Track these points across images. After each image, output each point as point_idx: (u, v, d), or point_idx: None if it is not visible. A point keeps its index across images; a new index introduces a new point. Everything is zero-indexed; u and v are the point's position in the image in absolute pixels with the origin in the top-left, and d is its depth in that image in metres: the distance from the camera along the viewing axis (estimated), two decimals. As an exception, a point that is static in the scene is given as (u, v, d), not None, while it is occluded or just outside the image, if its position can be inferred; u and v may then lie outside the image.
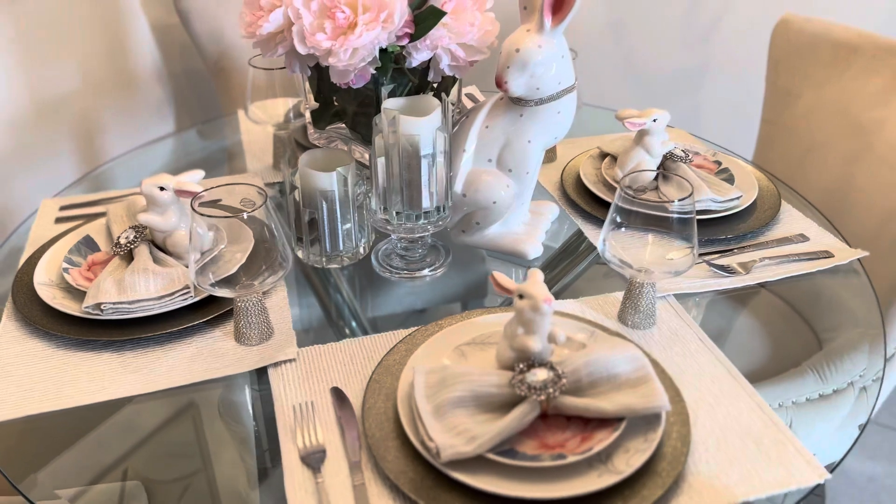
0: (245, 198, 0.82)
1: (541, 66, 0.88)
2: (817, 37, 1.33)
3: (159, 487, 0.72)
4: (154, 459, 0.75)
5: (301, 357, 0.83)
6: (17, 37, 1.54)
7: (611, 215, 0.81)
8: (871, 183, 1.21)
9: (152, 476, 0.73)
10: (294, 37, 0.86)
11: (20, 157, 1.61)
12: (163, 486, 0.72)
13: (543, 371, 0.70)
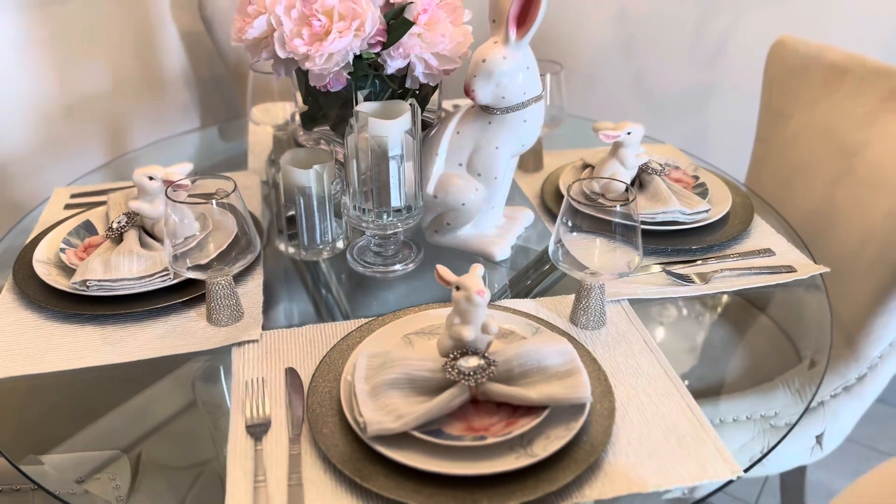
0: (220, 189, 0.89)
1: (506, 76, 0.93)
2: (811, 58, 1.35)
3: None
4: (132, 431, 0.81)
5: (264, 339, 0.89)
6: (51, 37, 1.65)
7: (560, 219, 0.85)
8: (852, 204, 1.22)
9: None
10: (275, 42, 0.92)
11: (50, 149, 1.72)
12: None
13: (475, 359, 0.74)
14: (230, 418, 0.77)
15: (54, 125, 1.72)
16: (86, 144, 1.79)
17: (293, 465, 0.71)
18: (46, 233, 1.06)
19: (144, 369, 0.86)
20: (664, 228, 1.07)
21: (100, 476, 0.75)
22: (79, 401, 0.86)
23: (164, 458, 0.77)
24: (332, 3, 0.90)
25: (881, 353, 1.16)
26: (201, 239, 0.92)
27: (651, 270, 1.01)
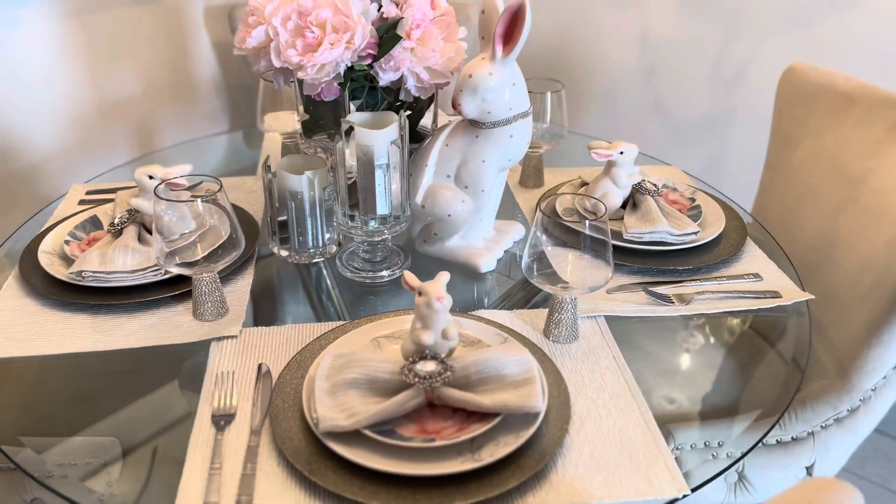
0: (209, 189, 0.93)
1: (491, 91, 0.95)
2: (821, 86, 1.34)
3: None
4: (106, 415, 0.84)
5: (244, 335, 0.92)
6: (87, 44, 1.73)
7: (533, 233, 0.86)
8: (854, 232, 1.20)
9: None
10: (271, 52, 0.96)
11: (82, 150, 1.80)
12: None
13: (433, 363, 0.76)
14: (198, 408, 0.80)
15: (87, 127, 1.80)
16: (116, 146, 1.87)
17: (250, 455, 0.74)
18: (56, 225, 1.11)
19: (137, 359, 0.90)
20: (652, 248, 1.08)
21: (90, 461, 0.78)
22: (72, 387, 0.89)
23: (149, 448, 0.80)
24: (325, 16, 0.93)
25: (875, 386, 1.14)
26: (196, 236, 0.95)
27: (630, 289, 1.01)
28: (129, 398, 0.85)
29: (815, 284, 1.26)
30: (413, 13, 0.97)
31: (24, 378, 0.89)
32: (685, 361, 0.94)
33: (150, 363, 0.90)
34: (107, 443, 0.79)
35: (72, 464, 0.77)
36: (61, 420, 0.83)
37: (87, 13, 1.73)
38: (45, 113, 1.72)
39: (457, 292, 1.04)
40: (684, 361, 0.94)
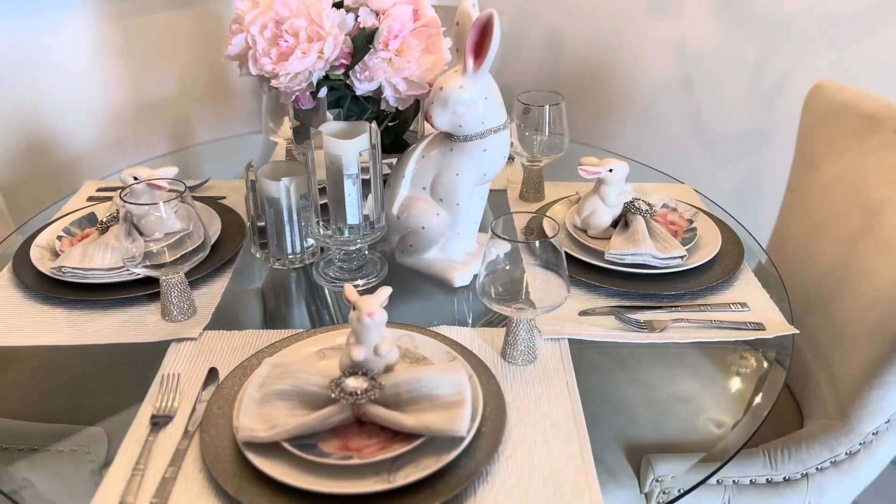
0: (174, 190, 0.94)
1: (462, 104, 0.93)
2: (846, 106, 1.25)
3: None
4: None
5: (204, 338, 0.93)
6: (126, 46, 1.81)
7: (486, 252, 0.84)
8: (866, 265, 1.12)
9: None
10: (249, 59, 0.98)
11: (119, 149, 1.87)
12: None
13: (362, 379, 0.75)
14: (140, 408, 0.82)
15: (124, 125, 1.87)
16: (152, 144, 1.94)
17: (175, 458, 0.75)
18: (57, 221, 1.16)
19: (107, 354, 0.93)
20: (635, 271, 1.04)
21: (76, 448, 0.81)
22: (38, 378, 0.93)
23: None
24: (299, 25, 0.94)
25: (876, 430, 1.06)
26: (176, 239, 0.97)
27: (604, 312, 0.98)
28: (85, 393, 0.88)
29: (825, 316, 1.19)
30: (391, 24, 0.97)
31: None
32: (658, 391, 0.89)
33: (118, 359, 0.92)
34: (50, 430, 0.82)
35: (72, 451, 0.80)
36: (15, 406, 0.86)
37: (127, 16, 1.80)
38: (84, 110, 1.80)
39: (437, 305, 1.04)
40: (657, 390, 0.89)
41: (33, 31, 1.68)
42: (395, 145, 1.11)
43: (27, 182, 1.75)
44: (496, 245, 0.83)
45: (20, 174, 1.75)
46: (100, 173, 1.83)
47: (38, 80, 1.71)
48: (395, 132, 1.10)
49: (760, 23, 1.70)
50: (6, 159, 1.73)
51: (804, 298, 1.26)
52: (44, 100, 1.73)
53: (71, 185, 1.80)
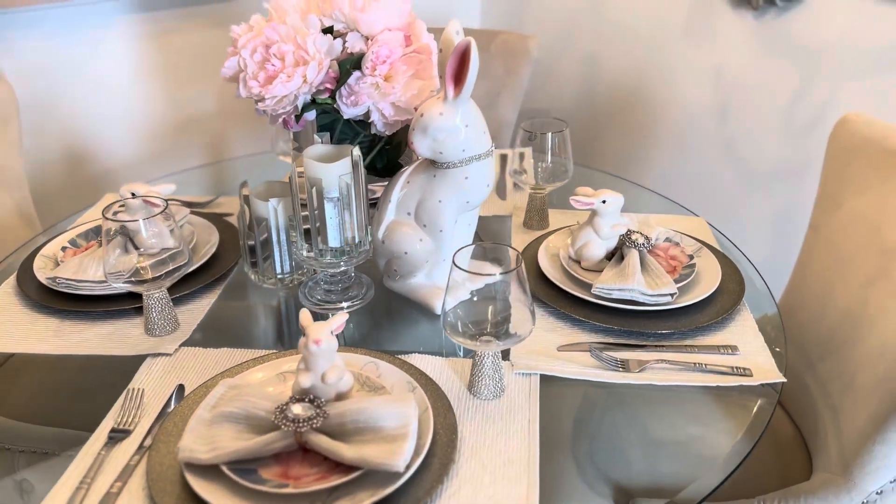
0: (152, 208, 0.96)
1: (441, 132, 0.93)
2: (872, 142, 1.19)
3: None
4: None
5: (179, 354, 0.95)
6: (166, 63, 1.87)
7: (450, 283, 0.83)
8: (879, 311, 1.05)
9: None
10: (240, 82, 0.99)
11: (156, 162, 1.94)
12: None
13: (305, 406, 0.74)
14: (102, 421, 0.83)
15: (161, 139, 1.94)
16: (187, 158, 2.00)
17: (124, 473, 0.76)
18: (68, 231, 1.20)
19: (91, 366, 0.95)
20: (624, 307, 1.00)
21: (72, 453, 0.83)
22: (22, 386, 0.96)
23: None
24: (286, 49, 0.95)
25: (881, 489, 0.99)
26: (170, 254, 0.98)
27: (584, 348, 0.95)
28: (60, 403, 0.90)
29: (837, 363, 1.13)
30: (379, 49, 0.97)
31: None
32: (648, 431, 0.86)
33: (100, 371, 0.94)
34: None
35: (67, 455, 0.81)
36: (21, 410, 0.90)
37: (167, 34, 1.87)
38: (122, 124, 1.87)
39: (421, 331, 1.03)
40: (647, 431, 0.86)
41: (76, 47, 1.76)
42: (389, 169, 1.11)
43: (64, 191, 1.83)
44: (459, 276, 0.82)
45: (58, 183, 1.83)
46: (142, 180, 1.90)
47: (80, 94, 1.79)
48: (388, 156, 1.10)
49: (798, 51, 1.64)
50: (45, 168, 1.81)
51: (820, 342, 1.20)
52: (84, 113, 1.81)
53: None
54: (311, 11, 1.01)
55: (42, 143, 1.79)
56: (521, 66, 1.85)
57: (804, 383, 1.22)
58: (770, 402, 0.88)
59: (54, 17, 1.73)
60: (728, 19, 1.75)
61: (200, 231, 1.19)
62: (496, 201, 1.38)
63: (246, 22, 1.03)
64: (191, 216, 1.22)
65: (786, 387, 0.87)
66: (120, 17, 1.80)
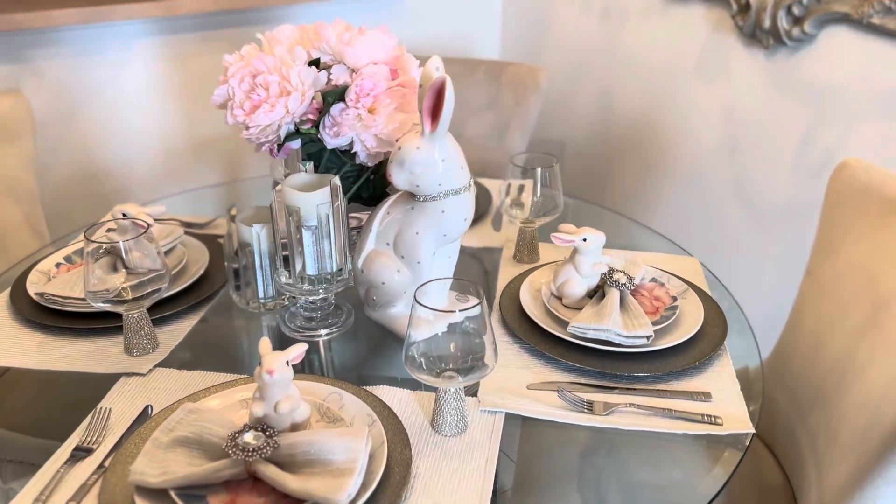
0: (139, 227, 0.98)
1: (418, 165, 0.93)
2: (869, 188, 1.16)
3: None
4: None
5: (153, 375, 0.96)
6: (183, 85, 1.92)
7: (412, 320, 0.83)
8: (866, 363, 1.02)
9: None
10: (228, 109, 1.02)
11: (170, 180, 1.98)
12: None
13: (256, 435, 0.75)
14: (68, 439, 0.85)
15: (177, 158, 1.98)
16: (202, 178, 2.04)
17: (79, 493, 0.77)
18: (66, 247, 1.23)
19: (71, 381, 0.97)
20: (600, 347, 0.99)
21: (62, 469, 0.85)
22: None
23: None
24: (271, 80, 0.97)
25: (859, 550, 0.96)
26: (155, 274, 1.00)
27: (554, 387, 0.94)
28: (50, 416, 0.92)
29: (825, 414, 1.10)
30: (363, 82, 0.98)
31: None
32: (614, 475, 0.84)
33: (90, 386, 0.95)
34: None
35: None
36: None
37: (186, 57, 1.92)
38: (138, 143, 1.92)
39: (398, 361, 1.03)
40: (613, 475, 0.85)
41: (96, 67, 1.82)
42: (375, 198, 1.12)
43: (78, 207, 1.88)
44: (422, 312, 0.82)
45: (72, 199, 1.88)
46: (147, 200, 1.94)
47: (97, 112, 1.84)
48: (374, 186, 1.11)
49: (808, 92, 1.62)
50: (60, 184, 1.86)
51: (811, 390, 1.17)
52: (100, 131, 1.86)
53: (120, 212, 1.92)
54: (303, 43, 1.03)
55: (58, 159, 1.85)
56: (530, 97, 1.85)
57: (794, 432, 1.19)
58: (738, 452, 0.86)
59: (75, 38, 1.79)
60: (740, 57, 1.73)
61: (192, 252, 1.21)
62: (490, 233, 1.38)
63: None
64: (185, 237, 1.24)
65: (777, 436, 0.85)
66: (141, 39, 1.86)
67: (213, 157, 2.05)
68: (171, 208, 1.43)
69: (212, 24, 1.93)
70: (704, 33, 1.81)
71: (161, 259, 0.98)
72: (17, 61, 1.75)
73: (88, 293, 0.96)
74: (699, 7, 1.80)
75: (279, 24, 1.89)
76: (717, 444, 0.87)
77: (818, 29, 1.54)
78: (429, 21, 2.26)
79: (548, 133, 2.32)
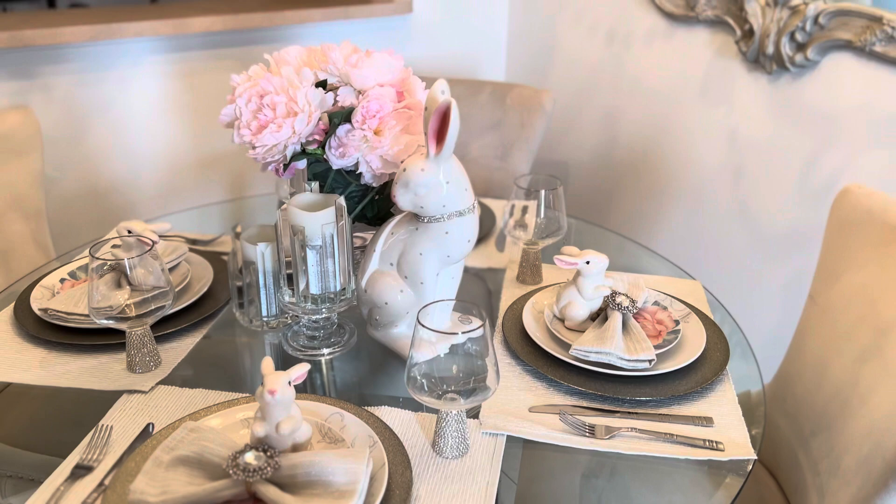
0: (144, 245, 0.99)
1: (422, 187, 0.94)
2: (872, 214, 1.16)
3: None
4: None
5: (155, 392, 0.96)
6: (191, 102, 1.93)
7: (414, 341, 0.83)
8: (869, 390, 1.02)
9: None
10: (235, 129, 1.02)
11: (177, 197, 1.99)
12: None
13: (257, 456, 0.75)
14: (69, 456, 0.85)
15: (183, 175, 1.99)
16: (208, 195, 2.05)
17: (78, 512, 0.77)
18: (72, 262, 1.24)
19: (72, 399, 0.97)
20: (602, 370, 0.99)
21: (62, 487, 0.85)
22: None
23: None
24: (278, 100, 0.98)
25: (862, 579, 0.95)
26: (159, 291, 1.00)
27: (556, 410, 0.94)
28: (51, 432, 0.92)
29: (828, 440, 1.09)
30: (369, 104, 0.99)
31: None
32: (615, 500, 0.84)
33: (93, 402, 0.95)
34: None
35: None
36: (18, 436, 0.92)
37: (194, 75, 1.93)
38: (145, 159, 1.94)
39: (400, 381, 1.03)
40: (613, 500, 0.84)
41: (105, 84, 1.83)
42: (380, 218, 1.12)
43: (84, 222, 1.89)
44: (424, 333, 0.82)
45: (78, 214, 1.89)
46: (153, 216, 1.95)
47: (105, 128, 1.86)
48: (379, 206, 1.12)
49: (814, 117, 1.62)
50: (67, 199, 1.87)
51: (814, 417, 1.16)
52: (108, 146, 1.87)
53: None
54: (310, 65, 1.04)
55: (64, 174, 1.86)
56: (535, 119, 1.86)
57: (797, 457, 1.19)
58: (740, 478, 0.86)
59: (84, 55, 1.80)
60: (743, 82, 1.75)
61: (196, 269, 1.22)
62: (494, 253, 1.39)
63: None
64: (189, 254, 1.25)
65: (779, 461, 0.84)
66: (149, 56, 1.87)
67: (219, 174, 2.06)
68: (176, 225, 1.43)
69: (220, 42, 1.95)
70: (708, 58, 1.82)
71: (165, 276, 0.98)
72: (27, 77, 1.76)
73: (92, 310, 0.96)
74: (703, 32, 1.82)
75: (286, 42, 1.91)
76: (718, 470, 0.87)
77: (821, 55, 1.55)
78: (434, 42, 2.28)
79: (552, 154, 2.33)
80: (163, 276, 0.99)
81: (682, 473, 0.87)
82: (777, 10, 1.55)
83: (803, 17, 1.51)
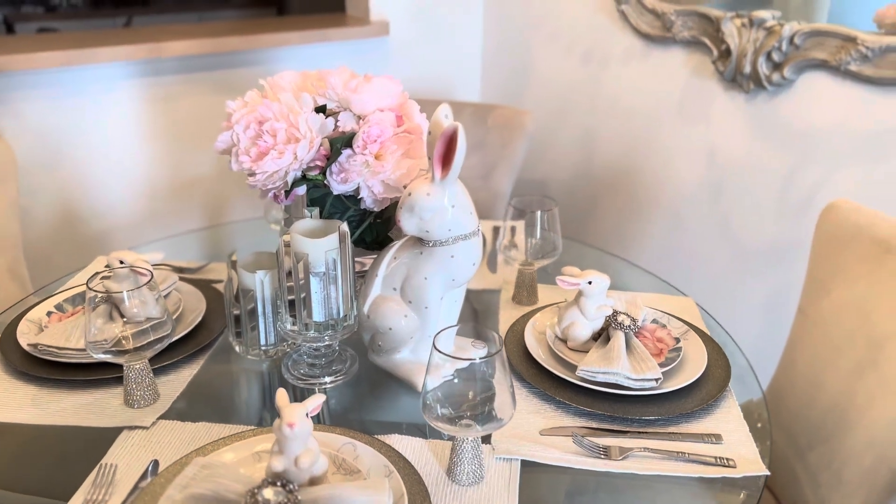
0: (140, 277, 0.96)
1: (428, 211, 0.93)
2: (860, 229, 1.19)
3: None
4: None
5: (157, 427, 0.93)
6: (167, 127, 1.91)
7: (429, 367, 0.82)
8: (867, 403, 1.04)
9: None
10: (232, 156, 1.01)
11: (153, 223, 1.96)
12: None
13: (280, 491, 0.73)
14: (72, 497, 0.82)
15: (160, 201, 1.96)
16: (186, 221, 2.01)
17: (86, 556, 0.74)
18: (55, 295, 1.20)
19: (66, 437, 0.93)
20: (608, 390, 0.99)
21: None
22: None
23: None
24: (278, 127, 0.97)
25: (870, 590, 0.96)
26: (152, 323, 0.98)
27: (568, 432, 0.93)
28: (40, 471, 0.88)
29: (827, 453, 1.11)
30: (370, 129, 0.98)
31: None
32: None
33: (84, 439, 0.92)
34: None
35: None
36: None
37: (170, 100, 1.90)
38: (121, 186, 1.90)
39: (404, 408, 1.02)
40: None
41: (79, 110, 1.80)
42: (379, 243, 1.12)
43: (59, 252, 1.84)
44: (439, 357, 0.81)
45: (54, 244, 1.84)
46: (131, 244, 1.91)
47: (80, 155, 1.82)
48: (378, 230, 1.11)
49: (791, 134, 1.66)
50: (41, 228, 1.82)
51: (810, 430, 1.18)
52: (83, 174, 1.83)
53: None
54: (306, 89, 1.04)
55: (39, 202, 1.81)
56: (516, 139, 1.87)
57: (794, 471, 1.20)
58: (754, 495, 0.86)
59: (59, 80, 1.76)
60: (721, 100, 1.78)
61: (187, 298, 1.19)
62: (487, 275, 1.39)
63: (249, 89, 1.05)
64: (179, 283, 1.22)
65: (776, 475, 0.85)
66: (124, 81, 1.84)
67: (198, 199, 2.03)
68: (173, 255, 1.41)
69: (196, 66, 1.93)
70: (685, 77, 1.86)
71: (163, 307, 0.96)
72: (-2, 104, 1.72)
73: (89, 344, 0.93)
74: (679, 52, 1.85)
75: (263, 66, 1.90)
76: (723, 485, 0.87)
77: (797, 74, 1.59)
78: (411, 64, 2.29)
79: (531, 174, 2.35)
80: (157, 307, 0.96)
81: (694, 491, 0.87)
82: (753, 30, 1.59)
83: (779, 38, 1.55)
